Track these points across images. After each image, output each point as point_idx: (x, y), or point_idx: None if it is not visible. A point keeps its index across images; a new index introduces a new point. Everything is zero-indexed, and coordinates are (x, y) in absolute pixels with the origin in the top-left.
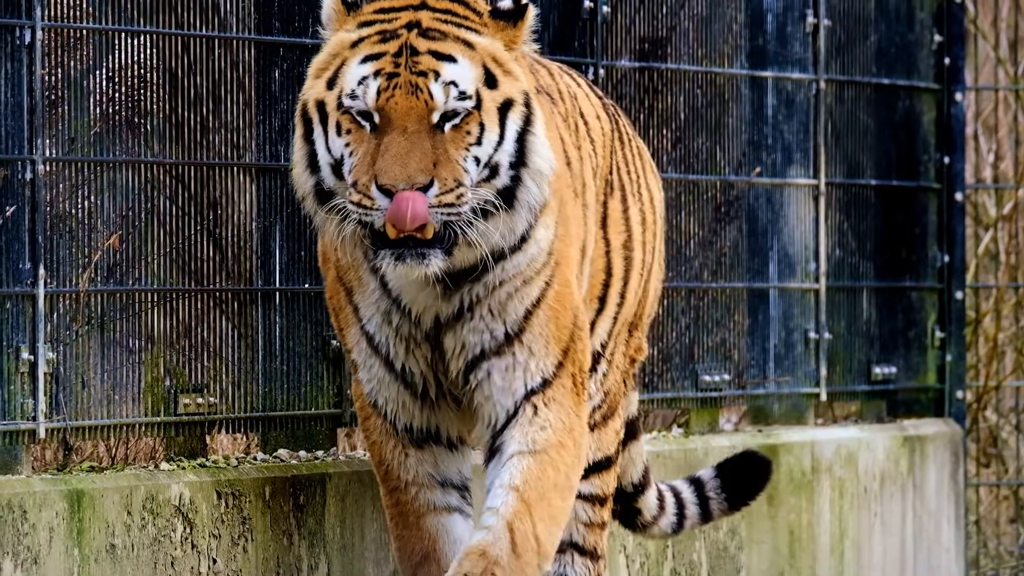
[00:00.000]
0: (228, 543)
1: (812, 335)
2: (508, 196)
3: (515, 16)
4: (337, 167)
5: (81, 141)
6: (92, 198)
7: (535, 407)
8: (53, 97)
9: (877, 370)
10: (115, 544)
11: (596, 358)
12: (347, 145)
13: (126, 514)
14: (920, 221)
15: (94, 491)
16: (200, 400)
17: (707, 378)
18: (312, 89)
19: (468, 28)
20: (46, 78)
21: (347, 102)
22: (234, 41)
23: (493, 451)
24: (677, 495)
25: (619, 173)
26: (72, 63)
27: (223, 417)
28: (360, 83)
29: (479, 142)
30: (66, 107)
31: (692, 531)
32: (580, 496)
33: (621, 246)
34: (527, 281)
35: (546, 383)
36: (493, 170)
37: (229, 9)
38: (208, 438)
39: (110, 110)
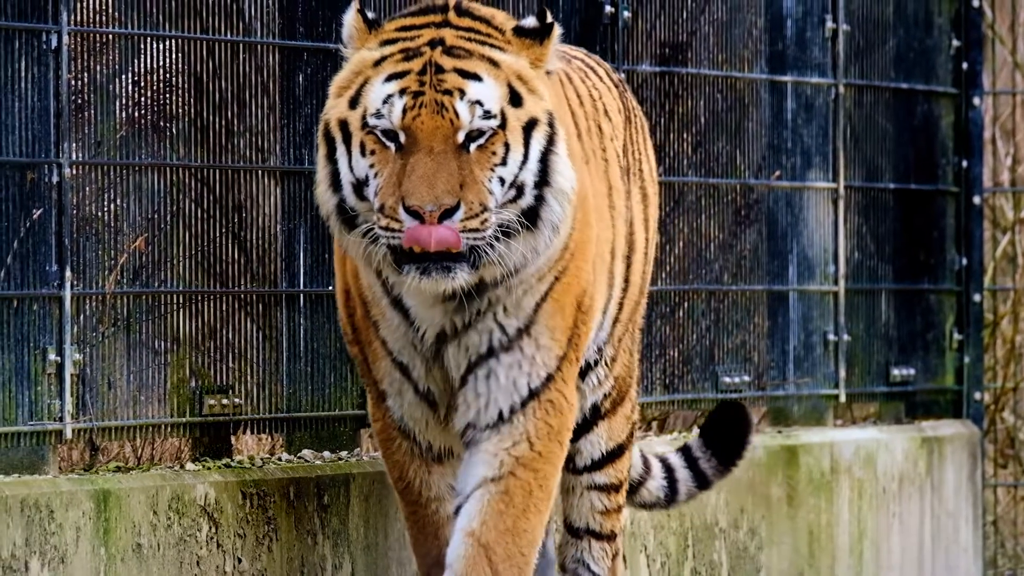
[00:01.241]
0: (253, 543)
1: (831, 337)
2: (531, 216)
3: (541, 34)
4: (359, 187)
5: (107, 144)
6: (118, 201)
7: (516, 420)
8: (79, 101)
9: (896, 372)
10: (141, 544)
11: (600, 349)
12: (372, 166)
13: (152, 514)
14: (938, 224)
15: (120, 491)
16: (225, 401)
17: (727, 380)
18: (334, 108)
19: (492, 46)
20: (72, 82)
21: (372, 121)
22: (259, 46)
23: (468, 449)
24: (664, 461)
25: (627, 155)
26: (98, 67)
27: (248, 418)
28: (385, 102)
29: (504, 162)
30: (92, 111)
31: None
32: (595, 487)
33: (627, 233)
34: (541, 278)
35: (549, 379)
36: (519, 190)
37: (254, 14)
38: (233, 439)
39: (136, 114)
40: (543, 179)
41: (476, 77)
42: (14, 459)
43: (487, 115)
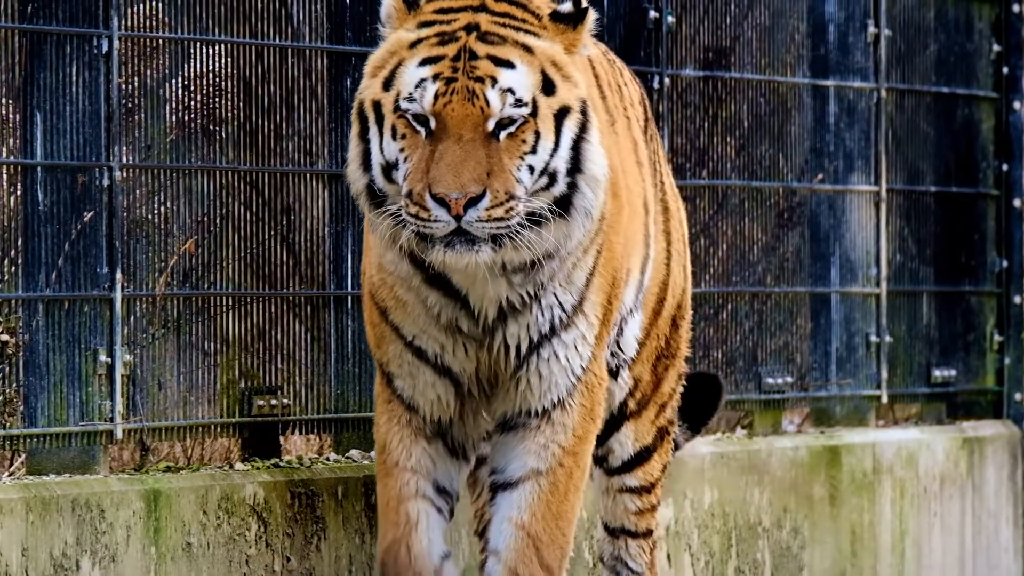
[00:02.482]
0: (301, 542)
1: (873, 339)
2: (564, 203)
3: (575, 19)
4: (388, 170)
5: (157, 148)
6: (168, 204)
7: (569, 403)
8: (130, 105)
9: (937, 373)
10: (191, 543)
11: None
12: (402, 150)
13: (202, 513)
14: (979, 227)
15: (170, 491)
16: (274, 402)
17: (770, 380)
18: (368, 88)
19: (527, 32)
20: (123, 86)
21: (404, 104)
22: (307, 50)
23: (508, 431)
24: None
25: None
26: (148, 72)
27: (296, 418)
28: (418, 86)
29: (534, 150)
30: (142, 115)
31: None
32: (627, 490)
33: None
34: (586, 250)
35: (591, 358)
36: (552, 177)
37: (302, 19)
38: (282, 439)
39: (186, 118)
40: (575, 166)
41: (509, 64)
42: (65, 459)
43: (518, 103)
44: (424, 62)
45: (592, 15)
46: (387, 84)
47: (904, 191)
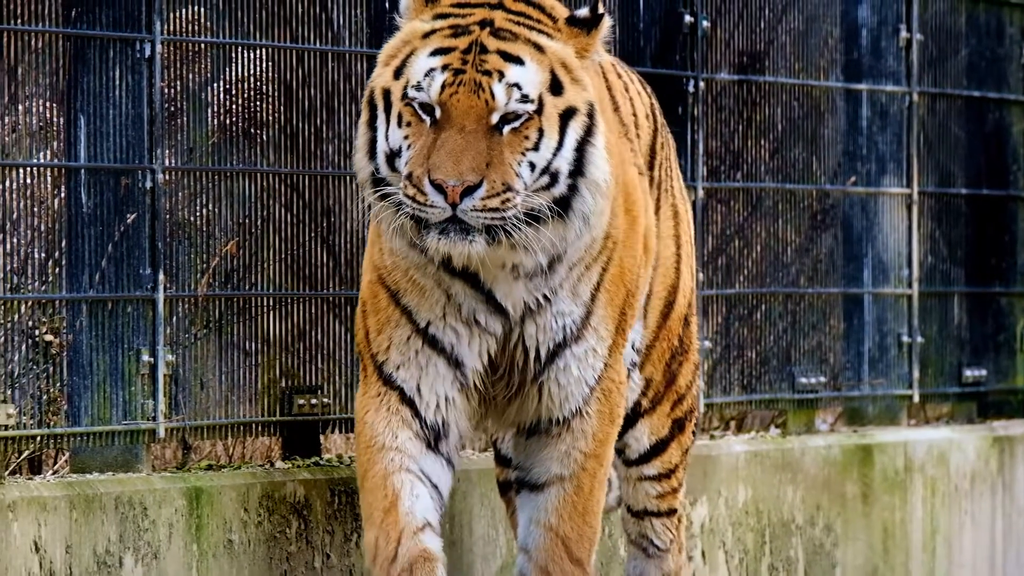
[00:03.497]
0: (341, 539)
1: (905, 339)
2: (563, 204)
3: (590, 24)
4: (392, 158)
5: (199, 151)
6: (210, 206)
7: (587, 412)
8: (172, 109)
9: (968, 373)
10: (232, 540)
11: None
12: (406, 138)
13: (243, 511)
14: (1009, 228)
15: (212, 489)
16: (314, 401)
17: (803, 380)
18: (380, 76)
19: (540, 31)
20: (166, 90)
21: (411, 93)
22: (347, 54)
23: (533, 437)
24: None
25: (654, 169)
26: (191, 76)
27: (336, 417)
28: (427, 75)
29: (536, 147)
30: (185, 118)
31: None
32: (646, 478)
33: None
34: (589, 266)
35: (605, 368)
36: (553, 177)
37: (342, 23)
38: (322, 437)
39: (227, 121)
40: (578, 169)
41: (518, 60)
42: (109, 457)
43: (524, 99)
44: (435, 52)
45: (607, 21)
46: (398, 72)
47: (935, 193)
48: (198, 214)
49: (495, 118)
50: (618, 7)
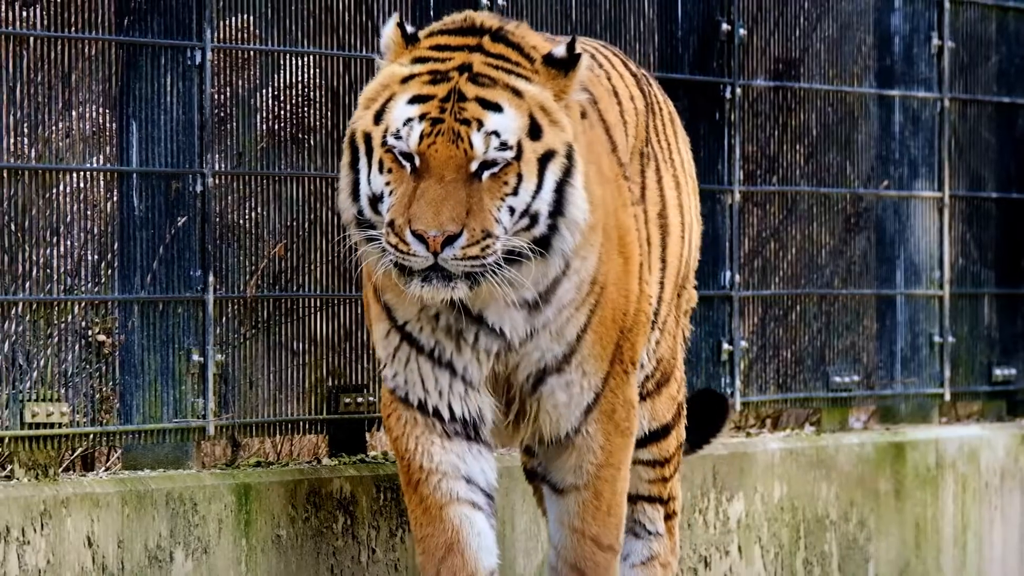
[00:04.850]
0: (386, 534)
1: (936, 339)
2: (544, 243)
3: (567, 65)
4: (375, 201)
5: (248, 155)
6: (259, 209)
7: (588, 432)
8: (222, 114)
9: (998, 372)
10: (280, 535)
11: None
12: (388, 183)
13: (291, 507)
14: None
15: (260, 485)
16: (360, 399)
17: (838, 379)
18: (361, 120)
19: (519, 75)
20: (215, 96)
21: (391, 141)
22: None
23: (551, 463)
24: None
25: (652, 144)
26: (240, 82)
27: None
28: (405, 123)
29: (515, 192)
30: (234, 124)
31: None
32: (641, 462)
33: (656, 215)
34: (578, 308)
35: (598, 396)
36: (533, 219)
37: None
38: (367, 435)
39: (276, 126)
40: (557, 209)
41: (497, 108)
42: (159, 455)
43: (503, 147)
44: (413, 100)
45: (584, 62)
46: (378, 117)
47: (966, 197)
48: (247, 217)
49: (474, 166)
50: (657, 16)
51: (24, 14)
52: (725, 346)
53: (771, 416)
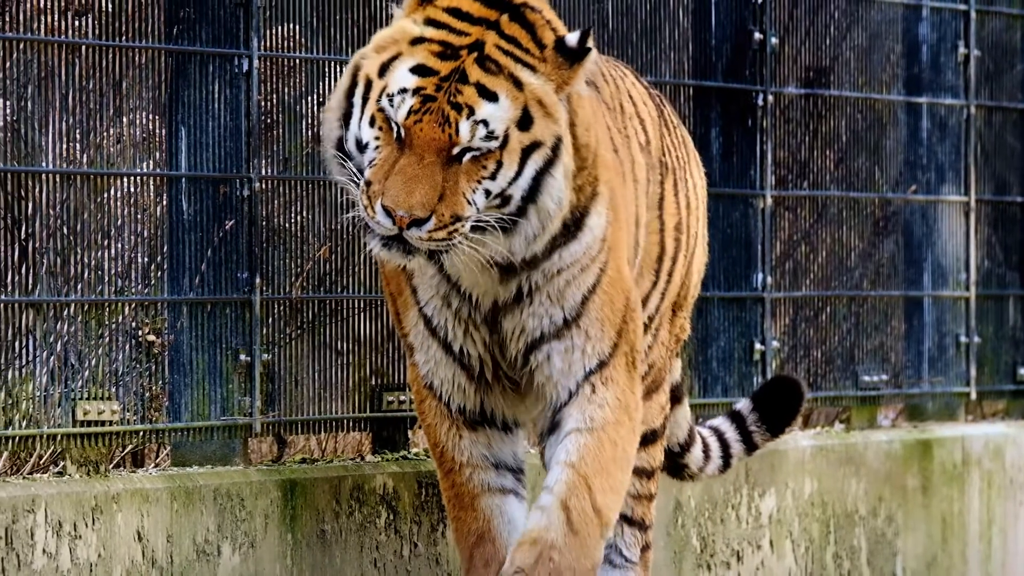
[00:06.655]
0: (428, 529)
1: (963, 339)
2: (512, 223)
3: (576, 56)
4: (360, 145)
5: (294, 161)
6: (304, 213)
7: (593, 386)
8: (268, 121)
9: (1022, 371)
10: (325, 530)
11: (643, 329)
12: (376, 138)
13: (335, 502)
14: None
15: (306, 481)
16: (403, 398)
17: (867, 378)
18: (369, 61)
19: (525, 64)
20: (262, 103)
21: (384, 103)
22: None
23: (552, 428)
24: (720, 436)
25: (669, 156)
26: (286, 89)
27: None
28: (400, 92)
29: (493, 177)
30: (280, 130)
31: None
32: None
33: (673, 227)
34: (584, 268)
35: (602, 364)
36: (505, 200)
37: None
38: (410, 432)
39: (321, 133)
40: (531, 196)
41: (493, 97)
42: (207, 451)
43: (489, 136)
44: (415, 69)
45: (592, 56)
46: (382, 70)
47: (992, 201)
48: (293, 220)
49: (456, 151)
50: (691, 24)
51: (76, 23)
52: (757, 346)
53: (802, 414)
